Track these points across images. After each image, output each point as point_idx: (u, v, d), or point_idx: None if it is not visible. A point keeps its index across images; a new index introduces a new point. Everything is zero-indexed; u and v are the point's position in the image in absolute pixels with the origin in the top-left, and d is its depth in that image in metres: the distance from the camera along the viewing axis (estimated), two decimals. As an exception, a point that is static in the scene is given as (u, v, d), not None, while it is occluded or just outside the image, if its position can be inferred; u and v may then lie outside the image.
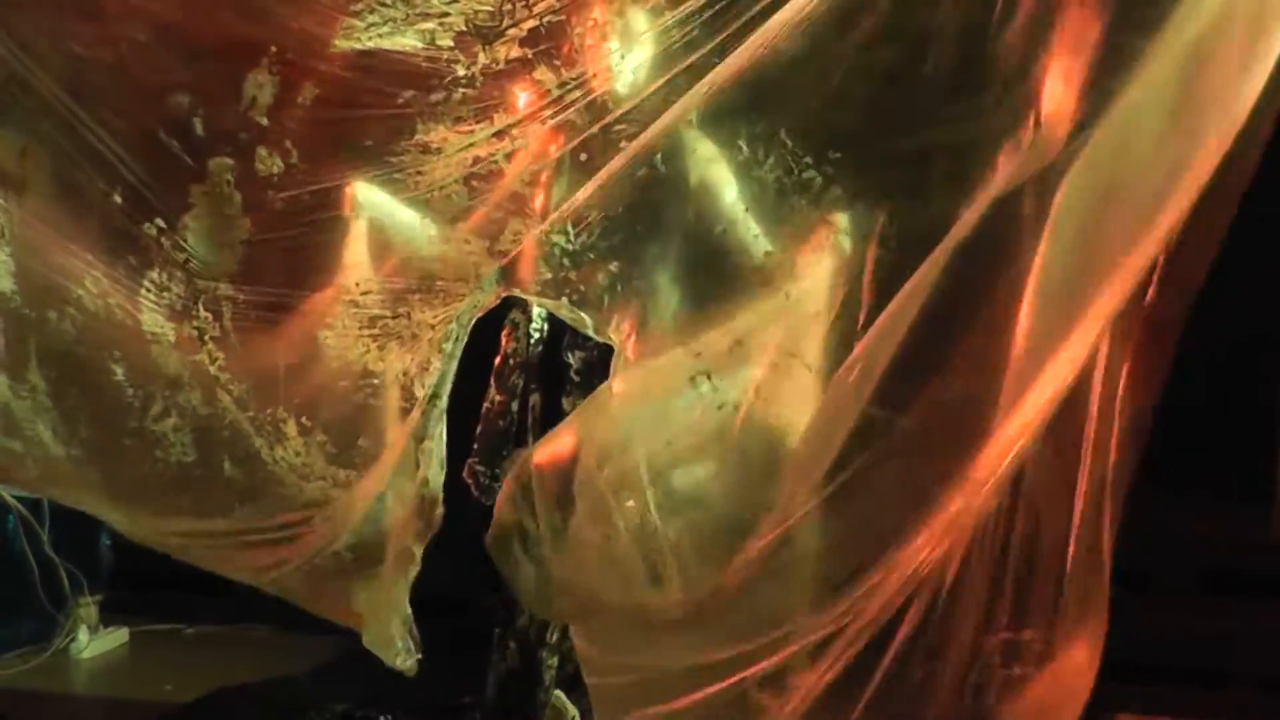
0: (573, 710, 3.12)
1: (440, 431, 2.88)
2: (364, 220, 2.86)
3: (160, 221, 2.82)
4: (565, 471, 2.68)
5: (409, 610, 2.97)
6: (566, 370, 3.07)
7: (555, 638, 3.09)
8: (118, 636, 4.63)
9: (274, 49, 2.75)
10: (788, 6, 2.43)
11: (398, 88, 2.73)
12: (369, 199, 2.86)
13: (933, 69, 2.48)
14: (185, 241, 2.84)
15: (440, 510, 2.89)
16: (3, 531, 4.43)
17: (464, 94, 2.71)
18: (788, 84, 2.53)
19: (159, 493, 3.06)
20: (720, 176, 2.68)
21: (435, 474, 2.89)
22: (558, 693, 3.11)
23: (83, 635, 4.51)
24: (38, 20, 2.78)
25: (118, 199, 2.82)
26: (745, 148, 2.63)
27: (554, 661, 3.10)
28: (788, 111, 2.57)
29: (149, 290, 2.87)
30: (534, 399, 3.15)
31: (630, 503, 2.63)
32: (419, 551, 2.90)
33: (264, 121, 2.78)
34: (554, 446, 2.74)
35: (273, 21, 2.75)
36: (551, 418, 3.10)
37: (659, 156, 2.66)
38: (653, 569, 2.63)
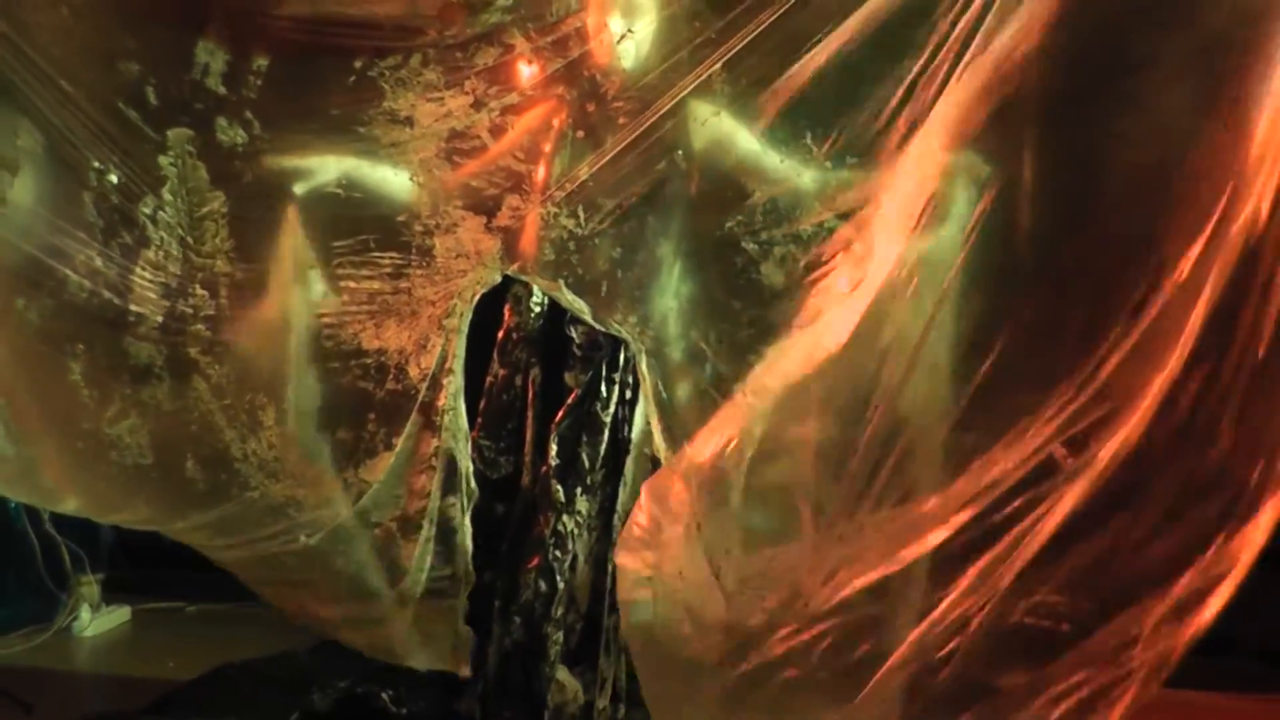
0: (575, 685, 3.13)
1: (460, 405, 2.90)
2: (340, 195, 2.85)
3: (153, 198, 2.80)
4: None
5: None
6: (569, 344, 3.08)
7: (560, 612, 3.09)
8: (120, 614, 4.63)
9: (220, 11, 2.73)
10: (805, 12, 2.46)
11: (351, 53, 2.73)
12: (352, 173, 2.84)
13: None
14: (171, 216, 2.82)
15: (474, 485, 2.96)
16: (4, 510, 4.42)
17: (424, 54, 2.70)
18: (819, 93, 2.54)
19: (117, 497, 3.05)
20: (738, 166, 2.69)
21: (462, 447, 2.93)
22: (561, 667, 3.12)
23: (85, 613, 4.51)
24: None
25: (113, 178, 2.80)
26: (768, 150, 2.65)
27: (559, 637, 3.10)
28: (814, 116, 2.57)
29: (144, 269, 2.84)
30: (534, 373, 3.15)
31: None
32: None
33: (220, 90, 2.76)
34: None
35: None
36: (552, 392, 3.12)
37: (680, 153, 2.69)
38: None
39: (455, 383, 2.86)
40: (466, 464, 2.96)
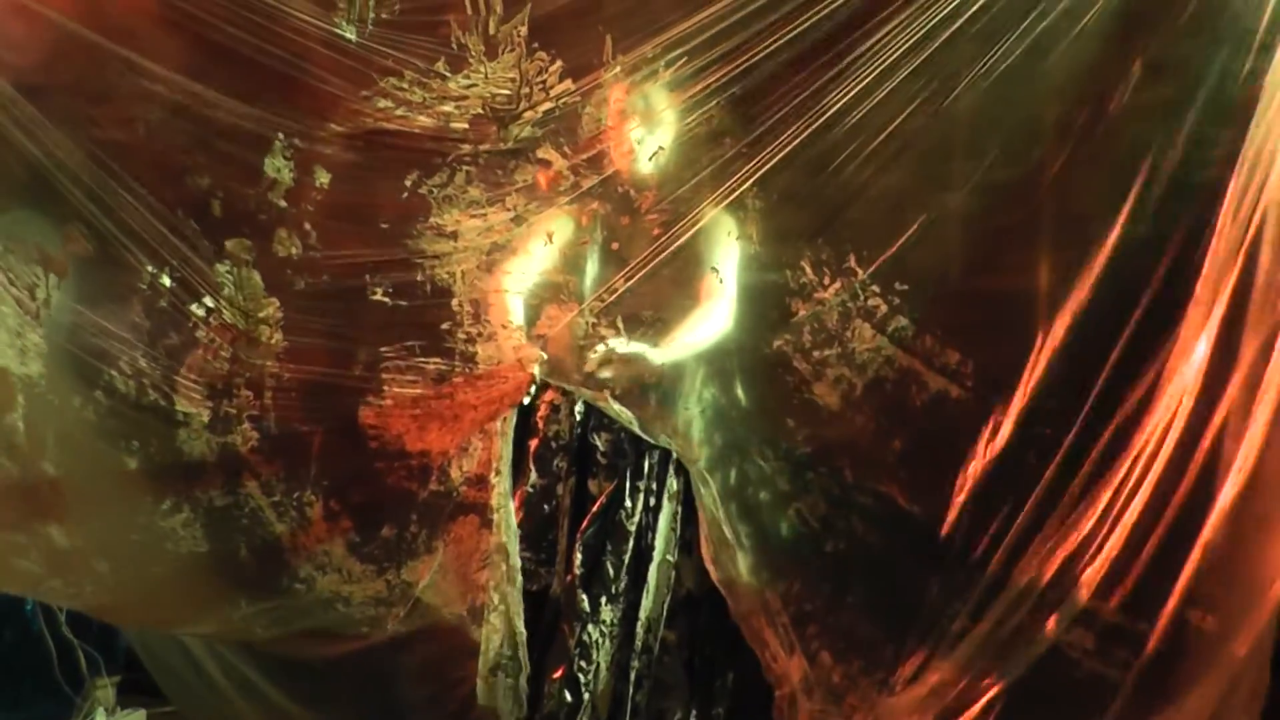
0: (596, 795, 3.11)
1: (509, 505, 2.96)
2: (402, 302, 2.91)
3: (209, 301, 2.85)
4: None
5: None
6: (593, 452, 3.11)
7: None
8: (135, 718, 4.60)
9: (281, 135, 2.79)
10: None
11: (402, 168, 2.80)
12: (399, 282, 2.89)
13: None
14: (226, 320, 2.87)
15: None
16: (20, 613, 4.41)
17: (468, 172, 2.79)
18: (860, 215, 2.64)
19: (169, 588, 3.06)
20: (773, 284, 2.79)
21: (513, 541, 2.97)
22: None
23: (100, 717, 4.47)
24: (65, 105, 2.76)
25: (166, 280, 2.83)
26: (809, 270, 2.72)
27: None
28: (859, 240, 2.67)
29: (190, 369, 2.87)
30: (571, 482, 3.15)
31: None
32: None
33: (282, 203, 2.82)
34: None
35: (280, 106, 2.79)
36: (580, 500, 3.14)
37: (716, 269, 2.78)
38: None
39: (503, 484, 2.93)
40: (516, 561, 3.00)
